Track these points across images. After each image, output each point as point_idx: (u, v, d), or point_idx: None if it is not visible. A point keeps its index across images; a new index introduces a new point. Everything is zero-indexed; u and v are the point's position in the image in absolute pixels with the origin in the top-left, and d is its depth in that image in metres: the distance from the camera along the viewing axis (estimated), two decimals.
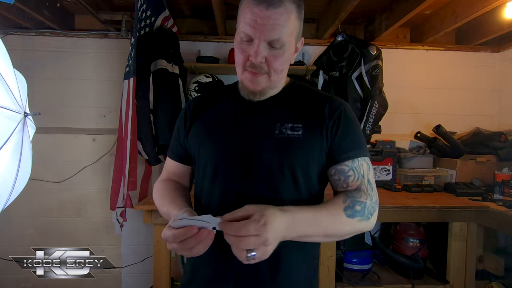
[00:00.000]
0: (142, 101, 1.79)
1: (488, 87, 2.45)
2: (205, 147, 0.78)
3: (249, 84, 0.73)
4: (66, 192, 2.21)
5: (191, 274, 0.80)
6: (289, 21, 0.68)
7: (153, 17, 1.86)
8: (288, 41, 0.69)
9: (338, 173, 0.73)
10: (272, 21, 0.65)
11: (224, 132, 0.76)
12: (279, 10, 0.65)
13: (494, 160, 2.08)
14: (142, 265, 2.23)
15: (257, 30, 0.66)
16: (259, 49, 0.67)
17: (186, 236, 0.59)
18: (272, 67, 0.70)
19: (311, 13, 2.25)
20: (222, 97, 0.83)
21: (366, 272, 1.85)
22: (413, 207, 1.61)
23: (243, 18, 0.68)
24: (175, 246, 0.60)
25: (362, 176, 0.73)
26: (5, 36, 2.12)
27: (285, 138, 0.72)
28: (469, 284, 1.66)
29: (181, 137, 0.85)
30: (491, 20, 2.08)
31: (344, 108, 0.75)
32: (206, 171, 0.76)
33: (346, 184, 0.72)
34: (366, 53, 2.04)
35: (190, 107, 0.85)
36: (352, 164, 0.72)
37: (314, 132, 0.72)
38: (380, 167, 2.11)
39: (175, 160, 0.88)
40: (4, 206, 0.66)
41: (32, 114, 0.71)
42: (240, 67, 0.73)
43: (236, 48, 0.72)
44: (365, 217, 0.69)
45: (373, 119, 2.01)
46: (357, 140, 0.74)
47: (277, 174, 0.71)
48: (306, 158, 0.72)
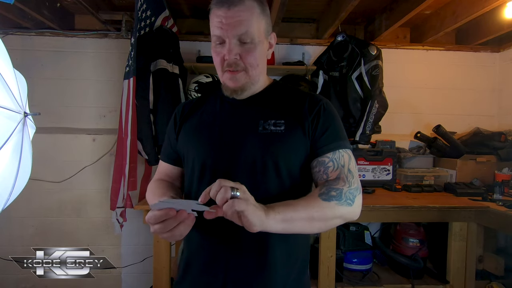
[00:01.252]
0: (142, 101, 1.79)
1: (488, 87, 2.45)
2: (192, 146, 0.82)
3: (230, 83, 0.77)
4: (66, 192, 2.21)
5: (184, 269, 0.83)
6: (253, 16, 0.72)
7: (153, 17, 1.86)
8: (257, 35, 0.73)
9: (318, 165, 0.76)
10: (236, 18, 0.70)
11: (210, 130, 0.81)
12: (240, 8, 0.70)
13: (494, 160, 2.08)
14: (142, 265, 2.24)
15: (224, 29, 0.71)
16: (230, 46, 0.72)
17: (166, 217, 0.61)
18: (247, 62, 0.74)
19: (311, 13, 2.25)
20: (209, 98, 0.88)
21: (366, 272, 1.85)
22: (413, 207, 1.61)
23: (212, 23, 0.74)
24: (156, 228, 0.62)
25: (342, 166, 0.75)
26: (5, 36, 2.12)
27: (268, 133, 0.76)
28: (469, 284, 1.66)
29: (172, 140, 0.89)
30: (491, 20, 2.08)
31: (323, 103, 0.79)
32: (194, 168, 0.80)
33: (326, 175, 0.75)
34: (366, 53, 2.04)
35: (179, 111, 0.90)
36: (333, 156, 0.75)
37: (296, 127, 0.76)
38: (380, 167, 2.10)
39: (167, 162, 0.92)
40: (4, 206, 0.66)
41: (32, 114, 0.71)
42: (219, 69, 0.77)
43: (212, 53, 0.77)
44: (343, 202, 0.69)
45: (373, 119, 2.01)
46: (337, 133, 0.77)
47: (261, 167, 0.74)
48: (289, 151, 0.75)
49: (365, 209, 1.59)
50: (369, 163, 2.10)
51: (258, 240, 0.72)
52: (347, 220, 0.73)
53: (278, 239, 0.74)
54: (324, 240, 1.61)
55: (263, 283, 0.75)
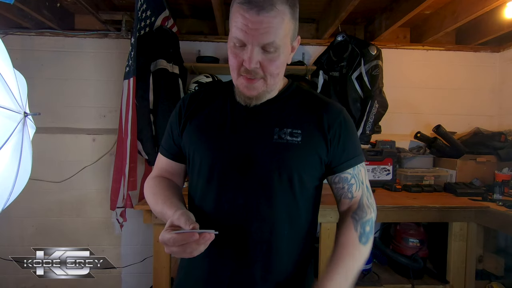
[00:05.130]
0: (142, 101, 1.79)
1: (488, 87, 2.45)
2: (200, 149, 0.76)
3: (245, 90, 0.71)
4: (66, 192, 2.21)
5: (185, 275, 0.80)
6: (283, 24, 0.64)
7: (153, 17, 1.86)
8: (283, 43, 0.66)
9: (341, 181, 0.75)
10: (264, 25, 0.62)
11: (220, 135, 0.75)
12: (271, 14, 0.62)
13: (494, 160, 2.08)
14: (142, 265, 2.23)
15: (249, 35, 0.63)
16: (252, 54, 0.65)
17: (187, 241, 0.59)
18: (267, 72, 0.68)
19: (311, 13, 2.25)
20: (218, 96, 0.81)
21: (366, 272, 1.85)
22: (413, 207, 1.61)
23: (234, 22, 0.66)
24: (174, 250, 0.60)
25: (361, 183, 0.76)
26: (5, 36, 2.12)
27: (284, 143, 0.71)
28: (469, 284, 1.66)
29: (175, 135, 0.83)
30: (491, 20, 2.08)
31: (343, 116, 0.76)
32: (200, 173, 0.76)
33: (351, 194, 0.76)
34: (366, 53, 2.04)
35: (185, 104, 0.82)
36: (353, 172, 0.75)
37: (313, 140, 0.73)
38: (380, 167, 2.11)
39: (167, 158, 0.85)
40: (4, 206, 0.66)
41: (32, 114, 0.71)
42: (235, 72, 0.71)
43: (229, 53, 0.70)
44: (372, 232, 0.74)
45: (373, 119, 2.01)
46: (356, 147, 0.77)
47: (274, 179, 0.70)
48: (305, 166, 0.72)
49: None
50: (369, 163, 2.10)
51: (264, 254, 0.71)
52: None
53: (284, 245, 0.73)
54: (324, 240, 1.61)
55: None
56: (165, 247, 0.61)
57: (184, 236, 0.59)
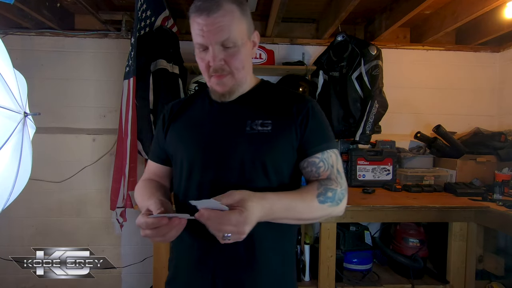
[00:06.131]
0: (142, 101, 1.79)
1: (488, 87, 2.45)
2: (181, 145, 0.83)
3: (217, 88, 0.79)
4: (66, 192, 2.21)
5: (175, 270, 0.85)
6: (234, 20, 0.72)
7: (153, 17, 1.86)
8: (239, 38, 0.73)
9: (310, 165, 0.79)
10: (216, 24, 0.70)
11: (199, 131, 0.82)
12: (220, 13, 0.70)
13: (494, 160, 2.08)
14: (142, 265, 2.24)
15: (206, 36, 0.71)
16: (214, 52, 0.72)
17: (158, 225, 0.65)
18: (232, 66, 0.75)
19: (311, 13, 2.25)
20: (197, 99, 0.89)
21: (366, 272, 1.85)
22: (413, 207, 1.61)
23: (193, 31, 0.74)
24: (148, 233, 0.66)
25: (331, 166, 0.79)
26: (5, 36, 2.12)
27: (255, 133, 0.77)
28: (469, 284, 1.66)
29: (160, 140, 0.90)
30: (491, 20, 2.08)
31: (311, 104, 0.81)
32: (182, 168, 0.81)
33: (318, 174, 0.79)
34: (366, 53, 2.04)
35: (168, 111, 0.91)
36: (322, 156, 0.78)
37: (284, 128, 0.78)
38: (380, 167, 2.11)
39: (155, 162, 0.94)
40: (4, 206, 0.66)
41: (32, 114, 0.71)
42: (206, 74, 0.78)
43: (197, 60, 0.78)
44: (334, 203, 0.75)
45: (373, 119, 2.00)
46: (325, 134, 0.81)
47: (248, 166, 0.76)
48: (275, 151, 0.77)
49: (365, 209, 1.60)
50: (369, 163, 2.10)
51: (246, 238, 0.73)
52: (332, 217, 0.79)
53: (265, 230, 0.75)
54: (324, 240, 1.61)
55: (252, 278, 0.76)
56: (141, 230, 0.67)
57: (156, 220, 0.65)
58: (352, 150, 2.12)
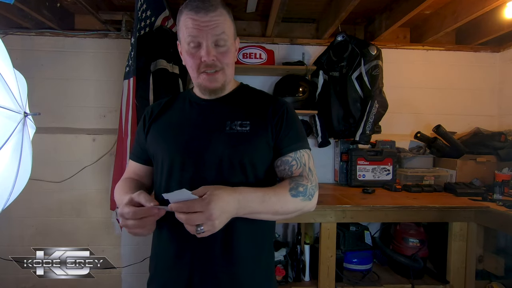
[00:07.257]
0: (142, 101, 1.79)
1: (488, 87, 2.45)
2: (161, 145, 0.85)
3: (208, 84, 0.81)
4: (66, 192, 2.21)
5: (155, 267, 0.87)
6: (226, 21, 0.78)
7: (153, 17, 1.86)
8: (230, 38, 0.79)
9: (283, 163, 0.83)
10: (213, 22, 0.75)
11: (179, 130, 0.85)
12: (216, 13, 0.76)
13: (494, 160, 2.08)
14: (142, 265, 2.23)
15: (202, 32, 0.75)
16: (208, 48, 0.76)
17: (147, 215, 0.68)
18: (223, 63, 0.79)
19: (311, 13, 2.25)
20: (177, 101, 0.92)
21: (366, 272, 1.85)
22: (413, 207, 1.61)
23: (185, 28, 0.77)
24: (130, 223, 0.68)
25: (303, 164, 0.83)
26: (5, 36, 2.12)
27: (234, 133, 0.81)
28: (469, 284, 1.66)
29: (141, 140, 0.93)
30: (491, 20, 2.08)
31: (286, 107, 0.86)
32: (163, 167, 0.83)
33: (291, 172, 0.83)
34: (366, 53, 2.04)
35: (148, 112, 0.93)
36: (295, 155, 0.83)
37: (261, 128, 0.82)
38: (380, 167, 2.11)
39: (136, 161, 0.96)
40: (4, 206, 0.66)
41: (32, 114, 0.71)
42: (195, 71, 0.80)
43: (186, 56, 0.80)
44: (306, 197, 0.79)
45: (373, 119, 2.00)
46: (298, 135, 0.85)
47: (227, 163, 0.79)
48: (253, 149, 0.81)
49: (365, 209, 1.60)
50: (369, 163, 2.10)
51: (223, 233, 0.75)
52: (305, 212, 0.82)
53: (242, 224, 0.77)
54: (324, 240, 1.61)
55: (229, 271, 0.78)
56: (121, 220, 0.69)
57: (145, 210, 0.68)
58: (352, 150, 2.13)
